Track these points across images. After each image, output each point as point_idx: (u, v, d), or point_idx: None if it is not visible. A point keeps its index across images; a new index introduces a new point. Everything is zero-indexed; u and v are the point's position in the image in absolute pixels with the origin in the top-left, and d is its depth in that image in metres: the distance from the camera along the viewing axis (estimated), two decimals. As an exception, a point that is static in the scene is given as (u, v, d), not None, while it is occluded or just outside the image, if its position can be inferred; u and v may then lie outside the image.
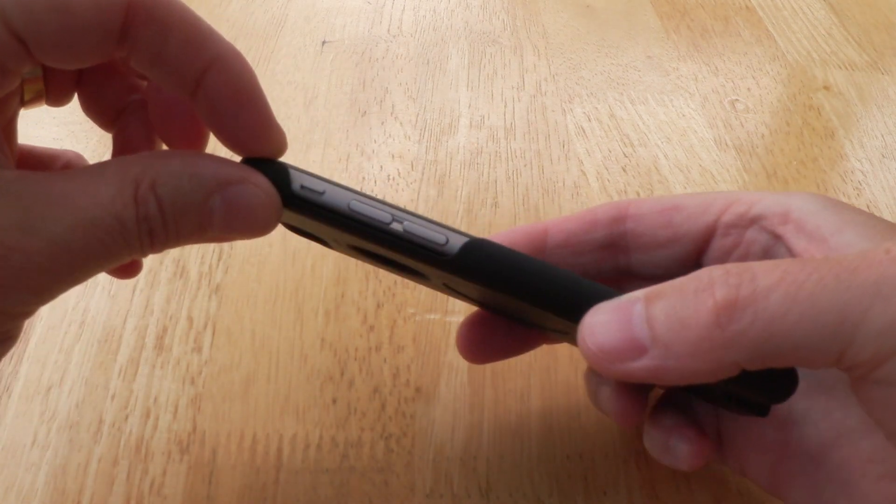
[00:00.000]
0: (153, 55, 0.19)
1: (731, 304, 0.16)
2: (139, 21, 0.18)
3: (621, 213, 0.24)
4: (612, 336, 0.18)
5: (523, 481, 0.26)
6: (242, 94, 0.20)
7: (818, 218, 0.20)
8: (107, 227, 0.18)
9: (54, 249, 0.17)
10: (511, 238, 0.25)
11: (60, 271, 0.18)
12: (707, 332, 0.16)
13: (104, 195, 0.18)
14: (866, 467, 0.19)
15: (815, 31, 0.49)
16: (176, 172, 0.19)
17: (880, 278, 0.15)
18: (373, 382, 0.29)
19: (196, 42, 0.19)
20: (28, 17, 0.17)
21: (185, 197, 0.19)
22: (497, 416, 0.28)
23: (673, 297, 0.17)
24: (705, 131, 0.41)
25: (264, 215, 0.20)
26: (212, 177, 0.19)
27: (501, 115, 0.41)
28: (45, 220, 0.17)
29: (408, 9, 0.50)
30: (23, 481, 0.26)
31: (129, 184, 0.18)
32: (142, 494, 0.26)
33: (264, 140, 0.20)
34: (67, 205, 0.17)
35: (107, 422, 0.28)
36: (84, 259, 0.18)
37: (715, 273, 0.17)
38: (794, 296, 0.15)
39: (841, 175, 0.39)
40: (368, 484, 0.26)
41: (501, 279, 0.20)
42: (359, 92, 0.43)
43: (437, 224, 0.20)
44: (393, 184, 0.37)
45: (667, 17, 0.50)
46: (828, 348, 0.16)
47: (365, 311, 0.31)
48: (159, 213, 0.18)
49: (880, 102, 0.43)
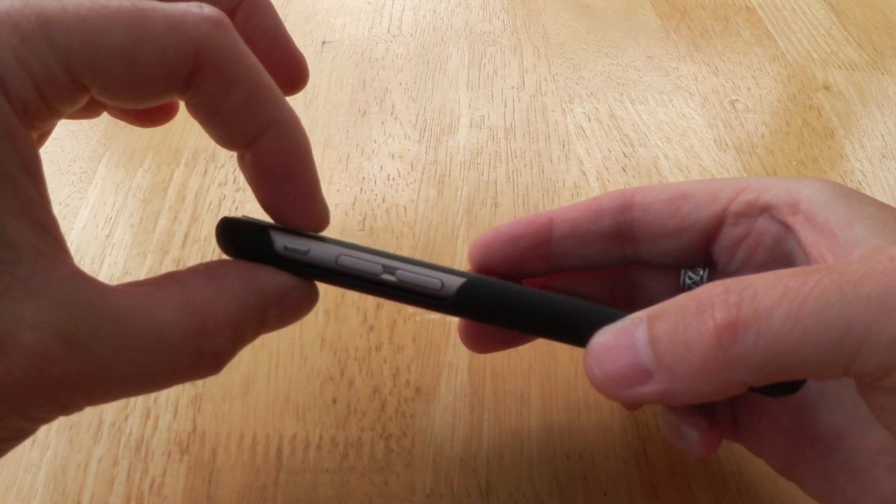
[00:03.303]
0: (212, 107, 0.18)
1: (732, 325, 0.16)
2: (204, 72, 0.17)
3: (627, 201, 0.24)
4: (618, 363, 0.17)
5: (523, 481, 0.26)
6: (295, 166, 0.19)
7: (827, 211, 0.20)
8: (164, 358, 0.17)
9: (96, 371, 0.16)
10: (516, 229, 0.24)
11: (95, 393, 0.16)
12: (710, 354, 0.16)
13: (164, 320, 0.17)
14: (877, 458, 0.19)
15: (815, 31, 0.49)
16: (240, 296, 0.19)
17: (884, 289, 0.15)
18: (373, 382, 0.29)
19: (257, 101, 0.18)
20: (93, 65, 0.16)
21: (250, 316, 0.19)
22: (497, 416, 0.28)
23: (674, 318, 0.17)
24: (705, 131, 0.41)
25: (307, 311, 0.21)
26: (272, 291, 0.19)
27: (501, 115, 0.41)
28: (94, 338, 0.16)
29: (408, 9, 0.50)
30: (23, 481, 0.26)
31: (195, 314, 0.18)
32: (142, 494, 0.26)
33: (307, 216, 0.20)
34: (120, 322, 0.16)
35: (107, 422, 0.28)
36: (126, 384, 0.17)
37: (715, 292, 0.16)
38: (796, 313, 0.15)
39: (841, 175, 0.39)
40: (368, 484, 0.26)
41: (501, 316, 0.20)
42: (359, 92, 0.43)
43: (429, 267, 0.20)
44: (393, 184, 0.37)
45: (667, 17, 0.50)
46: (833, 362, 0.15)
47: (365, 311, 0.31)
48: (227, 358, 0.18)
49: (880, 102, 0.43)
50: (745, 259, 0.22)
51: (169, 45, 0.16)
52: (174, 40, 0.16)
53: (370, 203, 0.36)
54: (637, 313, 0.18)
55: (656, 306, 0.18)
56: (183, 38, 0.17)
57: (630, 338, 0.17)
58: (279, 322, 0.20)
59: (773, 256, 0.22)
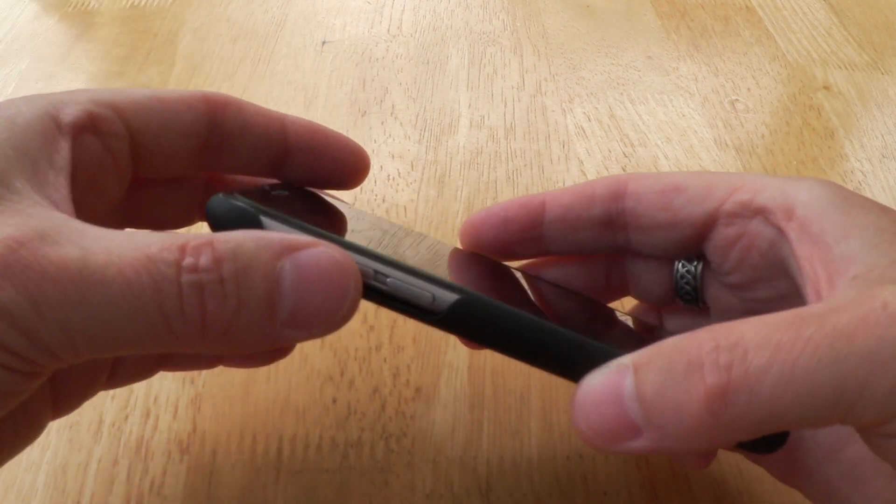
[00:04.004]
0: (240, 128, 0.22)
1: (723, 390, 0.15)
2: (219, 107, 0.22)
3: (620, 188, 0.23)
4: (605, 418, 0.17)
5: (523, 481, 0.26)
6: (316, 126, 0.23)
7: (823, 219, 0.19)
8: (134, 266, 0.15)
9: (66, 266, 0.15)
10: (508, 211, 0.24)
11: (68, 307, 0.15)
12: (700, 419, 0.15)
13: (139, 240, 0.16)
14: (879, 465, 0.19)
15: (815, 31, 0.49)
16: (237, 236, 0.17)
17: (877, 343, 0.15)
18: (373, 382, 0.29)
19: (266, 112, 0.23)
20: (136, 114, 0.20)
21: (250, 256, 0.16)
22: (497, 415, 0.28)
23: (663, 374, 0.16)
24: (705, 131, 0.41)
25: (341, 283, 0.17)
26: (279, 240, 0.17)
27: (501, 115, 0.41)
28: (69, 242, 0.15)
29: (408, 9, 0.50)
30: (23, 481, 0.26)
31: (179, 237, 0.16)
32: (142, 494, 0.26)
33: (353, 148, 0.24)
34: (99, 231, 0.16)
35: (107, 422, 0.28)
36: (102, 292, 0.15)
37: (704, 348, 0.16)
38: (789, 376, 0.15)
39: (841, 175, 0.39)
40: (368, 484, 0.26)
41: (494, 340, 0.19)
42: (359, 92, 0.43)
43: (423, 278, 0.19)
44: (393, 184, 0.37)
45: (667, 17, 0.50)
46: (827, 418, 0.15)
47: (365, 311, 0.31)
48: (214, 264, 0.16)
49: (880, 102, 0.43)
50: (739, 261, 0.22)
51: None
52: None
53: (370, 203, 0.36)
54: (624, 359, 0.17)
55: (643, 353, 0.17)
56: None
57: (617, 390, 0.17)
58: (301, 289, 0.17)
59: (767, 260, 0.21)
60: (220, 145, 0.22)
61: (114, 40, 0.47)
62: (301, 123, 0.23)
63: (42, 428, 0.20)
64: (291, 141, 0.23)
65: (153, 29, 0.48)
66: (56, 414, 0.21)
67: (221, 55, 0.45)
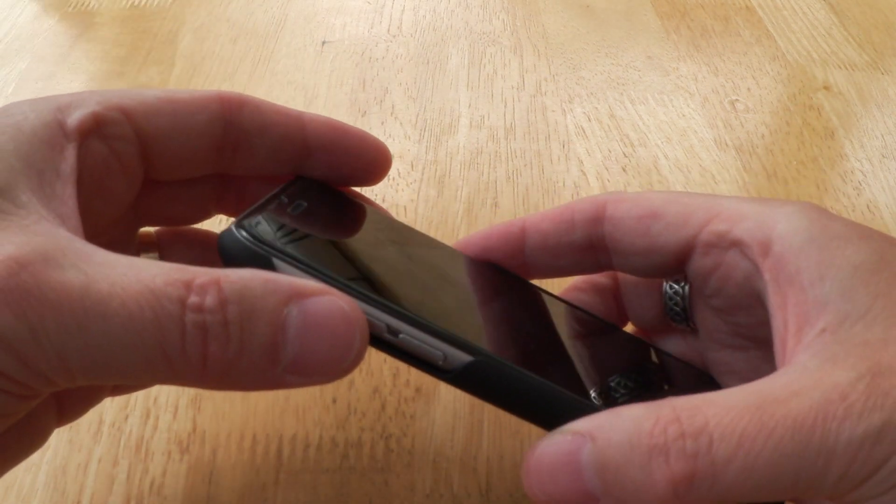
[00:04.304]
0: (258, 128, 0.22)
1: (688, 478, 0.16)
2: (234, 107, 0.21)
3: (598, 212, 0.23)
4: (562, 487, 0.17)
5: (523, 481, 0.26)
6: (335, 123, 0.23)
7: (800, 259, 0.19)
8: (137, 299, 0.15)
9: (67, 293, 0.15)
10: (487, 241, 0.24)
11: (66, 334, 0.15)
12: (663, 501, 0.16)
13: (145, 272, 0.15)
14: None
15: (815, 31, 0.49)
16: (245, 276, 0.16)
17: (834, 440, 0.15)
18: (373, 382, 0.29)
19: (284, 111, 0.22)
20: (145, 116, 0.20)
21: (257, 299, 0.16)
22: (497, 416, 0.28)
23: (624, 449, 0.16)
24: (705, 131, 0.41)
25: (348, 334, 0.17)
26: (287, 285, 0.16)
27: (501, 115, 0.41)
28: (71, 265, 0.15)
29: (408, 9, 0.50)
30: (23, 481, 0.26)
31: (185, 273, 0.16)
32: (142, 494, 0.26)
33: (374, 144, 0.23)
34: (101, 259, 0.16)
35: (107, 422, 0.28)
36: (100, 331, 0.15)
37: (669, 432, 0.16)
38: (751, 466, 0.16)
39: (841, 175, 0.39)
40: (368, 484, 0.26)
41: (505, 402, 0.19)
42: (359, 92, 0.43)
43: (434, 335, 0.18)
44: (393, 184, 0.37)
45: (667, 17, 0.50)
46: (784, 497, 0.16)
47: (365, 311, 0.31)
48: (219, 306, 0.15)
49: (880, 102, 0.43)
50: (718, 289, 0.22)
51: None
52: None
53: (370, 203, 0.36)
54: (579, 424, 0.17)
55: (599, 422, 0.17)
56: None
57: (573, 459, 0.16)
58: (306, 337, 0.16)
59: (743, 292, 0.21)
60: (237, 146, 0.22)
61: (114, 40, 0.47)
62: (321, 121, 0.23)
63: (47, 435, 0.20)
64: (311, 139, 0.22)
65: (153, 29, 0.48)
66: (61, 421, 0.21)
67: (221, 55, 0.45)
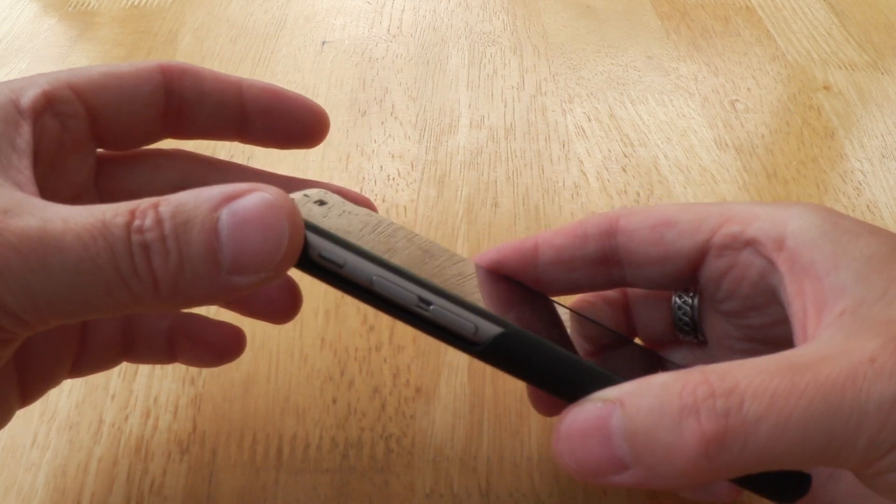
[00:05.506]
0: (197, 96, 0.23)
1: (720, 436, 0.16)
2: (175, 76, 0.22)
3: (612, 226, 0.23)
4: (592, 453, 0.17)
5: (523, 481, 0.26)
6: (272, 88, 0.24)
7: (814, 250, 0.19)
8: (90, 230, 0.16)
9: (25, 234, 0.16)
10: (500, 256, 0.24)
11: (26, 266, 0.16)
12: (694, 461, 0.16)
13: (95, 208, 0.17)
14: None
15: (815, 31, 0.49)
16: (181, 195, 0.17)
17: (865, 399, 0.16)
18: (373, 382, 0.29)
19: (223, 78, 0.23)
20: (93, 91, 0.21)
21: (189, 210, 0.17)
22: (497, 416, 0.28)
23: (654, 414, 0.16)
24: (705, 131, 0.41)
25: (276, 223, 0.17)
26: (218, 192, 0.17)
27: (501, 115, 0.41)
28: (28, 214, 0.16)
29: (408, 9, 0.50)
30: (23, 481, 0.26)
31: (131, 203, 0.17)
32: (142, 494, 0.26)
33: (310, 107, 0.25)
34: (56, 206, 0.17)
35: (107, 422, 0.28)
36: (50, 264, 0.16)
37: (699, 393, 0.16)
38: (784, 425, 0.15)
39: (841, 175, 0.39)
40: (368, 484, 0.26)
41: (532, 375, 0.19)
42: (359, 92, 0.43)
43: (466, 307, 0.18)
44: (393, 184, 0.37)
45: (667, 17, 0.50)
46: (813, 462, 0.16)
47: (365, 311, 0.31)
48: (156, 224, 0.16)
49: (880, 102, 0.43)
50: (730, 291, 0.22)
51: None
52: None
53: (370, 203, 0.36)
54: (608, 392, 0.17)
55: (629, 388, 0.17)
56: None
57: (603, 425, 0.17)
58: (238, 236, 0.17)
59: (758, 290, 0.21)
60: (180, 113, 0.23)
61: (114, 40, 0.47)
62: (259, 86, 0.24)
63: (10, 415, 0.21)
64: (249, 104, 0.24)
65: (153, 29, 0.48)
66: (23, 402, 0.22)
67: (221, 55, 0.45)
